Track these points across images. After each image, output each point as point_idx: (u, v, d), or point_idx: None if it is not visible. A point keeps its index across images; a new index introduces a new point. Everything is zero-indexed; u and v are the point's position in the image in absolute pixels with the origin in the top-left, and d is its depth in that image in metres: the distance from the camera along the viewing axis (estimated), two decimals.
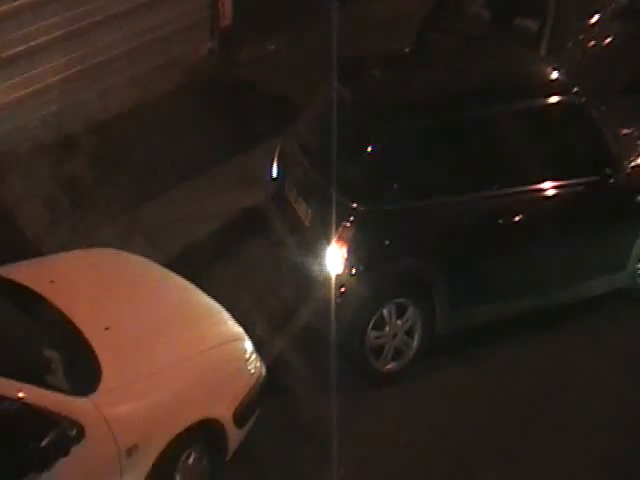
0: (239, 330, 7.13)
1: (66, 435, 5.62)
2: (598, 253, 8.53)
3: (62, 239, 8.69)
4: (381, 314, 7.85)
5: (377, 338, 7.92)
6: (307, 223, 8.13)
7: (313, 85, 8.76)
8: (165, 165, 10.09)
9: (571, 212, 8.31)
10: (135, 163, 10.07)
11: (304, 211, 8.18)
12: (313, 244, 7.93)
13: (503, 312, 8.36)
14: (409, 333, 8.02)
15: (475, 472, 7.35)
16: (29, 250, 8.16)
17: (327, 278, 7.72)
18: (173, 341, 6.74)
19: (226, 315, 7.22)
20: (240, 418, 6.73)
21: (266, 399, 7.06)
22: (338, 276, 7.70)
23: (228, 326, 7.14)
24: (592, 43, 11.62)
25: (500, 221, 8.04)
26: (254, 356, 7.03)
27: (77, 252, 7.73)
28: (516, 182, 8.08)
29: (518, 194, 8.08)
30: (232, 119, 10.85)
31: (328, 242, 7.72)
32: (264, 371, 7.09)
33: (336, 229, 7.65)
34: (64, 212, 9.27)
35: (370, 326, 7.83)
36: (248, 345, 7.06)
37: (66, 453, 5.58)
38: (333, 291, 7.67)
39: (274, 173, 8.91)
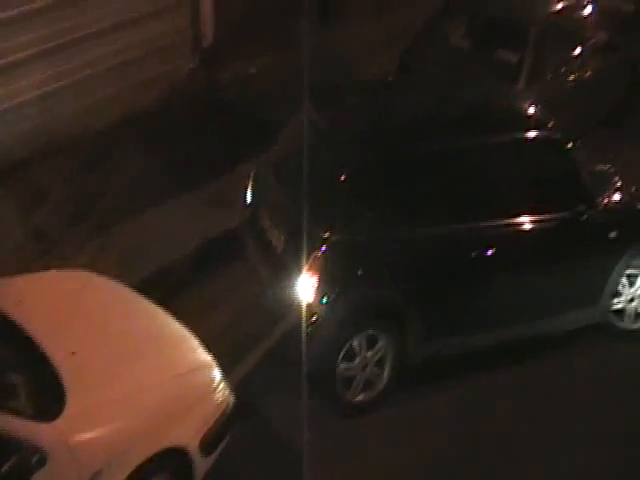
0: (207, 358, 7.07)
1: (28, 461, 5.59)
2: (570, 288, 8.53)
3: (31, 256, 8.63)
4: (351, 345, 7.80)
5: (347, 369, 7.87)
6: (279, 250, 8.08)
7: (293, 108, 8.70)
8: (141, 185, 10.00)
9: (544, 247, 8.31)
10: (111, 182, 9.97)
11: (277, 238, 8.15)
12: (285, 272, 7.88)
13: (473, 344, 8.34)
14: (380, 364, 7.98)
15: None
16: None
17: (298, 307, 7.67)
18: (141, 367, 6.69)
19: (195, 342, 7.17)
20: (207, 446, 6.67)
21: (235, 428, 7.01)
22: (309, 305, 7.65)
23: (196, 353, 7.07)
24: (572, 77, 11.63)
25: (472, 254, 8.02)
26: (222, 384, 6.97)
27: (47, 273, 7.67)
28: (489, 216, 8.08)
29: (491, 228, 8.08)
30: (211, 140, 10.79)
31: (300, 271, 7.67)
32: (232, 400, 7.02)
33: (308, 258, 7.61)
34: (36, 230, 9.20)
35: (340, 357, 7.78)
36: (216, 373, 6.99)
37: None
38: (304, 320, 7.60)
39: (248, 199, 8.86)
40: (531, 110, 8.72)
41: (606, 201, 8.73)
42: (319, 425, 7.55)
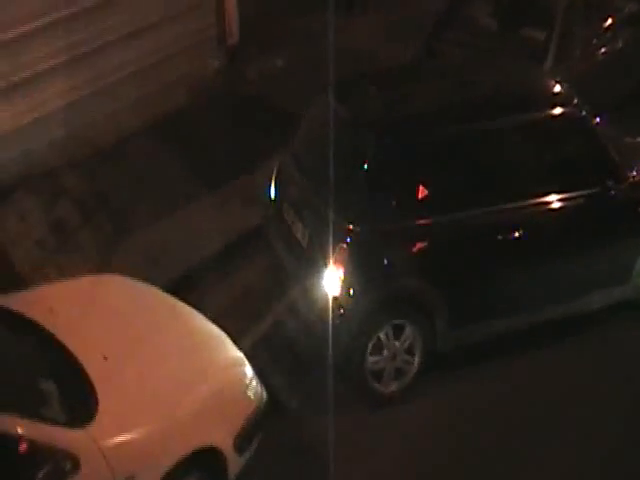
0: (239, 355, 7.10)
1: (61, 468, 5.64)
2: (601, 266, 8.45)
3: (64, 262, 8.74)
4: (378, 338, 7.78)
5: (376, 363, 7.86)
6: (304, 244, 8.07)
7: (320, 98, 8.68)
8: (173, 184, 10.10)
9: (573, 225, 8.23)
10: (144, 183, 10.07)
11: (301, 232, 8.14)
12: (310, 266, 7.88)
13: (505, 328, 8.29)
14: (409, 351, 7.96)
15: None
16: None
17: (325, 300, 7.67)
18: (172, 369, 6.71)
19: (227, 340, 7.19)
20: (240, 445, 6.70)
21: (268, 423, 7.03)
22: (335, 298, 7.64)
23: (228, 352, 7.10)
24: (603, 50, 11.50)
25: (500, 237, 7.97)
26: (255, 381, 6.99)
27: (78, 279, 7.69)
28: (516, 197, 8.01)
29: (518, 209, 8.01)
30: (240, 136, 10.84)
31: (325, 264, 7.66)
32: (265, 396, 7.04)
33: (333, 250, 7.59)
34: (68, 235, 9.32)
35: (368, 351, 7.76)
36: (248, 370, 7.02)
37: None
38: (331, 313, 7.61)
39: (272, 193, 8.87)
40: (557, 88, 8.58)
41: (635, 175, 8.59)
42: (352, 416, 7.66)
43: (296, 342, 8.08)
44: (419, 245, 7.79)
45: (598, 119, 8.70)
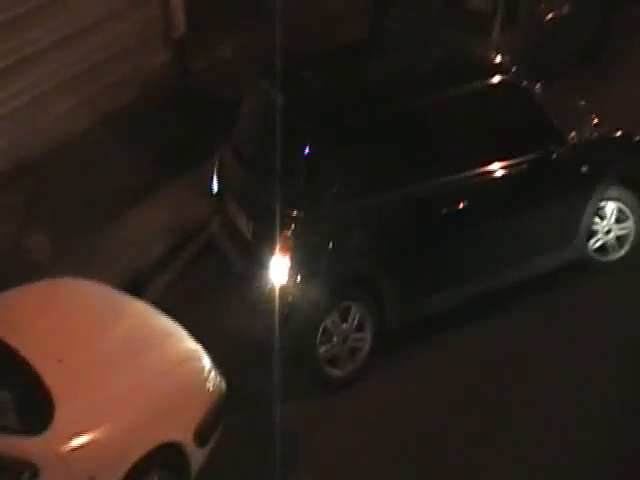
0: (196, 348, 7.07)
1: (19, 478, 5.57)
2: (547, 228, 8.51)
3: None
4: (324, 328, 7.76)
5: (328, 351, 7.84)
6: (249, 236, 8.03)
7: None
8: (123, 182, 10.03)
9: (518, 191, 8.26)
10: (95, 182, 10.00)
11: (245, 224, 8.10)
12: (256, 257, 7.84)
13: (455, 299, 8.31)
14: (359, 328, 7.93)
15: (452, 459, 7.37)
16: None
17: (273, 290, 7.64)
18: (129, 367, 6.69)
19: (183, 334, 7.17)
20: (201, 438, 6.68)
21: (229, 414, 7.03)
22: (283, 287, 7.61)
23: (185, 345, 7.08)
24: (549, 16, 11.53)
25: (445, 210, 7.95)
26: (213, 372, 6.97)
27: (31, 285, 7.61)
28: (459, 168, 8.01)
29: (462, 180, 8.02)
30: (190, 130, 10.76)
31: (271, 253, 7.62)
32: (224, 387, 7.02)
33: (277, 239, 7.56)
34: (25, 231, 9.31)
35: (317, 342, 7.75)
36: (206, 362, 7.00)
37: None
38: (278, 302, 7.59)
39: (214, 187, 8.81)
40: (496, 57, 8.61)
41: (577, 137, 8.65)
42: (308, 402, 7.70)
43: (249, 334, 7.99)
44: (363, 226, 7.77)
45: (538, 85, 8.70)
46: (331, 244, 7.68)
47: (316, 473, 7.28)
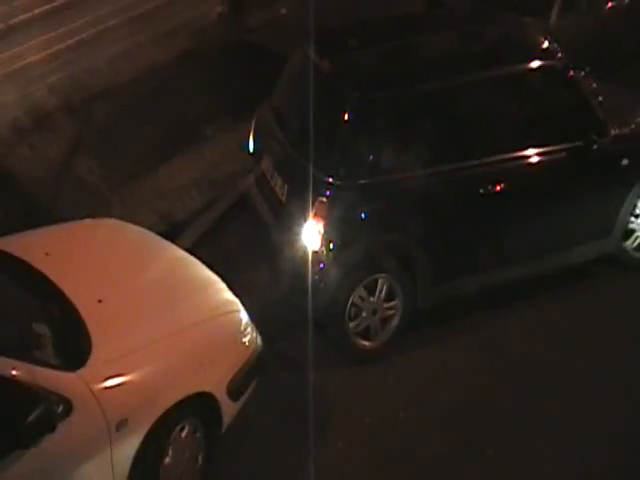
0: (234, 301, 7.04)
1: (52, 411, 5.55)
2: (583, 219, 8.40)
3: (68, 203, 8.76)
4: (376, 281, 7.71)
5: (359, 325, 7.78)
6: (283, 199, 7.92)
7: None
8: (176, 131, 10.05)
9: (555, 179, 8.14)
10: (145, 128, 10.00)
11: (280, 187, 7.98)
12: (290, 220, 7.74)
13: (487, 283, 8.21)
14: (389, 298, 7.85)
15: (477, 441, 7.31)
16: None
17: (305, 254, 7.55)
18: (167, 313, 6.65)
19: (222, 286, 7.14)
20: (234, 391, 6.66)
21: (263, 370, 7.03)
22: (315, 252, 7.52)
23: (223, 297, 7.05)
24: (609, 4, 11.40)
25: (482, 191, 7.83)
26: (250, 328, 6.94)
27: (75, 223, 7.66)
28: (498, 150, 7.88)
29: (500, 162, 7.88)
30: (240, 84, 10.73)
31: (305, 218, 7.53)
32: (260, 343, 7.00)
33: (312, 204, 7.46)
34: (72, 178, 9.32)
35: (346, 318, 7.69)
36: (244, 316, 6.97)
37: (52, 429, 5.52)
38: (311, 268, 7.51)
39: (251, 147, 8.72)
40: (544, 41, 8.36)
41: (621, 129, 8.49)
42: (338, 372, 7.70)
43: (279, 298, 7.88)
44: (400, 199, 7.65)
45: (584, 73, 8.61)
46: (366, 215, 7.57)
47: (348, 440, 7.25)
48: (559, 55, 8.14)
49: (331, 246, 7.52)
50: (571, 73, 8.15)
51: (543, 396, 7.66)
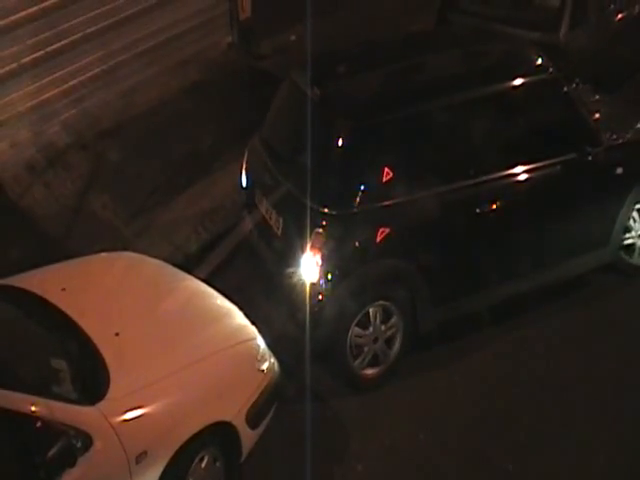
0: (252, 329, 7.08)
1: (72, 445, 5.61)
2: (582, 230, 8.41)
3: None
4: (367, 313, 7.66)
5: (359, 337, 7.72)
6: (279, 232, 7.89)
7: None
8: (188, 162, 10.13)
9: (552, 192, 8.13)
10: (157, 161, 10.07)
11: (275, 220, 7.96)
12: (286, 253, 7.71)
13: (488, 301, 8.22)
14: (389, 341, 7.85)
15: (496, 457, 7.32)
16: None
17: (303, 287, 7.51)
18: (184, 344, 6.70)
19: (239, 315, 7.18)
20: (253, 419, 6.69)
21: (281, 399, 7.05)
22: (313, 284, 7.48)
23: (240, 326, 7.09)
24: (619, 16, 11.39)
25: (479, 210, 7.82)
26: (267, 354, 6.98)
27: (90, 257, 7.72)
28: (492, 168, 7.86)
29: (494, 180, 7.87)
30: (251, 110, 10.73)
31: (301, 250, 7.50)
32: (277, 369, 7.02)
33: (309, 236, 7.42)
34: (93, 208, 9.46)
35: (354, 324, 7.64)
36: (261, 344, 7.01)
37: (73, 464, 5.58)
38: (309, 300, 7.48)
39: (243, 182, 8.71)
40: (536, 58, 8.35)
41: (614, 139, 8.54)
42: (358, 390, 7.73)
43: (277, 331, 7.75)
44: (396, 225, 7.58)
45: (575, 85, 8.78)
46: (363, 243, 7.51)
47: (367, 463, 7.27)
48: (551, 70, 8.14)
49: (329, 277, 7.47)
50: (563, 87, 8.18)
51: (558, 411, 7.68)
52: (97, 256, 7.81)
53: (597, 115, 8.76)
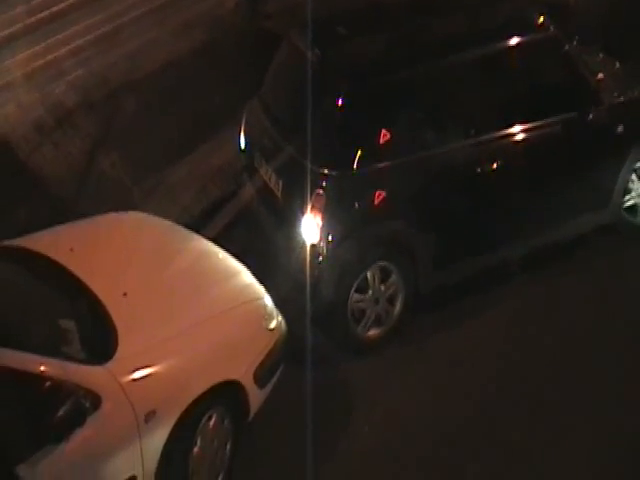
0: (260, 288, 7.10)
1: (81, 405, 5.61)
2: (582, 191, 8.40)
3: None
4: (365, 277, 7.66)
5: (359, 302, 7.73)
6: (279, 195, 7.87)
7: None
8: (196, 122, 10.08)
9: (552, 151, 8.12)
10: (165, 121, 10.03)
11: (275, 182, 7.94)
12: (287, 216, 7.70)
13: (488, 262, 8.22)
14: (391, 300, 7.85)
15: (502, 421, 7.33)
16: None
17: (303, 249, 7.52)
18: (192, 304, 6.71)
19: (247, 274, 7.19)
20: (261, 378, 6.72)
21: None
22: (314, 246, 7.48)
23: (248, 285, 7.10)
24: None
25: (478, 170, 7.80)
26: (274, 313, 7.00)
27: (98, 217, 7.69)
28: (492, 128, 7.85)
29: (495, 140, 7.87)
30: (262, 72, 10.70)
31: (302, 212, 7.49)
32: (285, 328, 7.05)
33: (309, 198, 7.40)
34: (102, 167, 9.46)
35: (352, 292, 7.63)
36: (269, 303, 7.03)
37: (82, 424, 5.59)
38: (309, 262, 7.48)
39: (242, 144, 8.68)
40: (538, 17, 8.31)
41: (615, 98, 8.53)
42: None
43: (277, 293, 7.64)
44: (396, 186, 7.57)
45: (575, 43, 8.71)
46: (364, 204, 7.51)
47: (373, 423, 7.30)
48: (551, 29, 8.10)
49: (330, 238, 7.46)
50: (564, 45, 8.15)
51: (559, 376, 7.71)
52: (105, 216, 7.78)
53: (600, 75, 8.71)
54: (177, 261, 7.14)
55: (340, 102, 7.41)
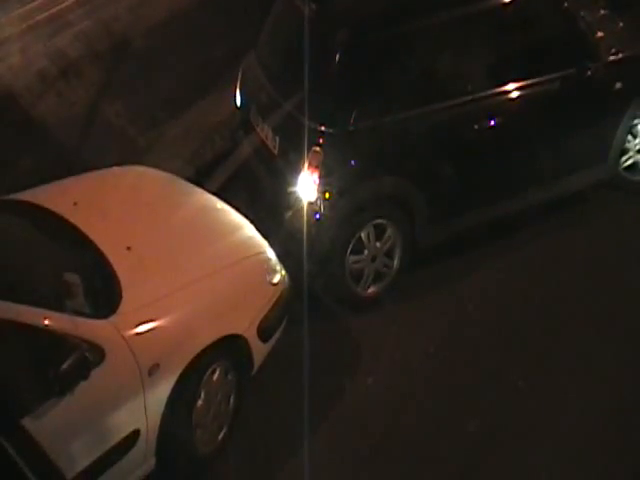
0: (262, 242, 7.11)
1: (85, 358, 5.62)
2: (581, 146, 8.38)
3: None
4: (359, 237, 7.65)
5: (356, 262, 7.73)
6: (276, 152, 7.83)
7: None
8: (199, 75, 10.05)
9: (550, 108, 8.09)
10: (169, 73, 9.99)
11: (271, 139, 7.88)
12: (284, 173, 7.65)
13: (487, 217, 8.21)
14: (389, 254, 7.86)
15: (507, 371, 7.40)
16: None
17: (300, 206, 7.49)
18: (196, 258, 6.73)
19: (250, 228, 7.21)
20: (265, 332, 6.75)
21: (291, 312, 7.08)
22: (311, 203, 7.45)
23: (251, 239, 7.12)
24: None
25: (477, 126, 7.78)
26: (278, 267, 7.01)
27: (102, 171, 7.68)
28: (490, 84, 7.80)
29: (493, 96, 7.82)
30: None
31: (299, 169, 7.44)
32: (288, 282, 7.07)
33: (306, 154, 7.35)
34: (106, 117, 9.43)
35: (349, 250, 7.64)
36: (272, 257, 7.04)
37: (86, 377, 5.61)
38: (307, 219, 7.46)
39: (238, 101, 8.61)
40: None
41: (613, 54, 8.46)
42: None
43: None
44: (394, 142, 7.55)
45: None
46: (361, 161, 7.48)
47: (377, 375, 7.36)
48: None
49: (327, 195, 7.43)
50: (563, 1, 8.10)
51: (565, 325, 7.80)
52: (109, 170, 7.76)
53: (600, 33, 8.65)
54: (180, 215, 7.15)
55: (337, 57, 7.32)
